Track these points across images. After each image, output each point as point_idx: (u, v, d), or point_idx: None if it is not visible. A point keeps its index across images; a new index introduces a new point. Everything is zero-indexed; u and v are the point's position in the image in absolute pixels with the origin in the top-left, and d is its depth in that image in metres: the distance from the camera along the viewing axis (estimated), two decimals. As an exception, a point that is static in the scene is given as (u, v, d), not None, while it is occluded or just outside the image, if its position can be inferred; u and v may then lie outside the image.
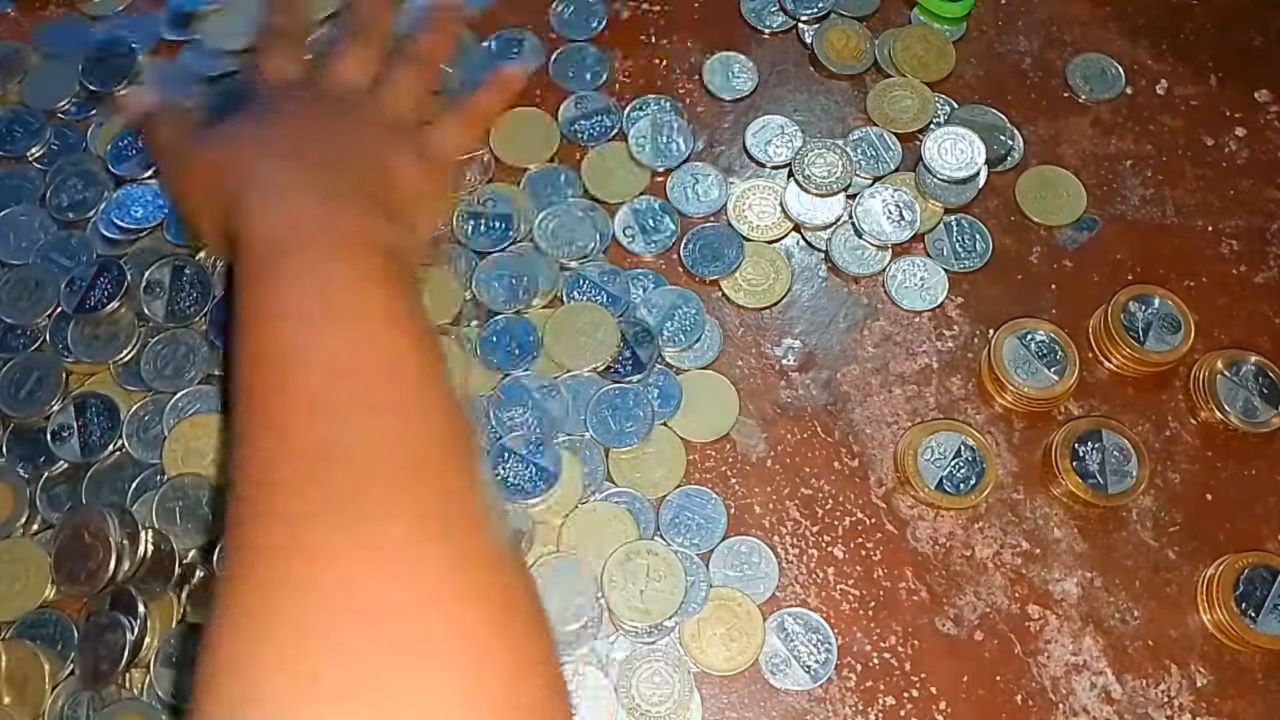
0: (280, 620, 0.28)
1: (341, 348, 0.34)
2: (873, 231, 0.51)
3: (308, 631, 0.28)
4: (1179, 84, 0.57)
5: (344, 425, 0.32)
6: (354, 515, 0.30)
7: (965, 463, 0.46)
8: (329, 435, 0.32)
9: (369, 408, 0.33)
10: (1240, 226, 0.53)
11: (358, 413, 0.32)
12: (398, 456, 0.32)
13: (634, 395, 0.47)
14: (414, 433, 0.33)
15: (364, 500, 0.30)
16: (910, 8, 0.58)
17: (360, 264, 0.36)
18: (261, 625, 0.28)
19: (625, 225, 0.51)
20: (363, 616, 0.28)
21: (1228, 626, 0.44)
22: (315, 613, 0.28)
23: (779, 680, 0.43)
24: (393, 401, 0.33)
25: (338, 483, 0.31)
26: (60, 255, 0.50)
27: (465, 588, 0.30)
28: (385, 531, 0.30)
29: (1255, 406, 0.48)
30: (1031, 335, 0.49)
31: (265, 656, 0.28)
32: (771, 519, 0.46)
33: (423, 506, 0.31)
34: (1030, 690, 0.43)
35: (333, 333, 0.34)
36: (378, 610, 0.28)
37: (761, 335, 0.50)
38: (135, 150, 0.53)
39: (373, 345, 0.34)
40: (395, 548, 0.30)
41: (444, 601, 0.29)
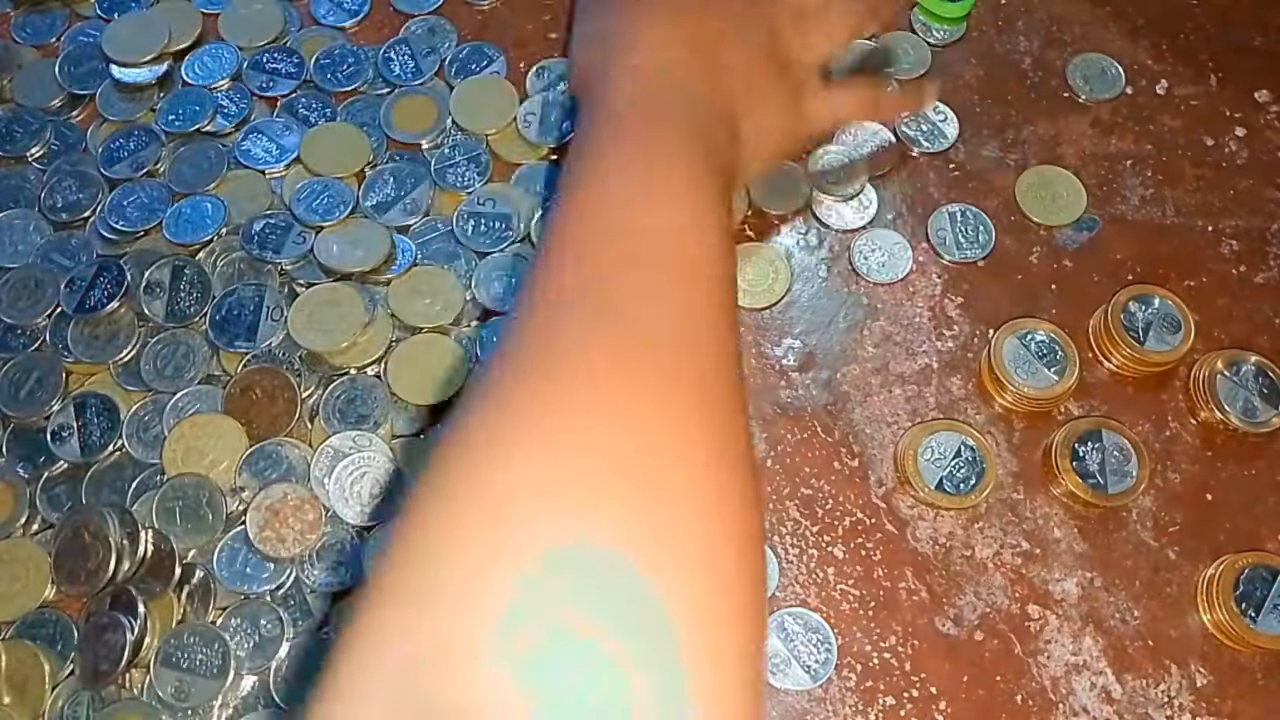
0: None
1: (660, 236, 0.32)
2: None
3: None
4: (1179, 84, 0.57)
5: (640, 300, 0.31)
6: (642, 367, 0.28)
7: (965, 463, 0.46)
8: (614, 302, 0.30)
9: (662, 292, 0.31)
10: (1240, 226, 0.53)
11: (651, 299, 0.31)
12: (681, 335, 0.30)
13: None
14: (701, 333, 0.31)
15: (657, 354, 0.29)
16: (910, 8, 0.58)
17: (698, 170, 0.35)
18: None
19: None
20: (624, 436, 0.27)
21: (1228, 626, 0.44)
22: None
23: (779, 680, 0.43)
24: (687, 301, 0.32)
25: (622, 340, 0.29)
26: (60, 255, 0.51)
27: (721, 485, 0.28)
28: (669, 392, 0.28)
29: (1255, 406, 0.48)
30: (1031, 335, 0.49)
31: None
32: (771, 519, 0.46)
33: (700, 392, 0.29)
34: (1030, 690, 0.43)
35: (657, 219, 0.33)
36: (639, 449, 0.27)
37: (761, 335, 0.50)
38: (127, 152, 0.53)
39: (685, 248, 0.32)
40: (670, 410, 0.28)
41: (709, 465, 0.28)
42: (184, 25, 0.56)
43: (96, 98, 0.55)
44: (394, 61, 0.56)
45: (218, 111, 0.54)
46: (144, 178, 0.52)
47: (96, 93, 0.55)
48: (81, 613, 0.43)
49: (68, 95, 0.55)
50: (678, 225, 0.33)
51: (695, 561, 0.26)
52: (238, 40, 0.56)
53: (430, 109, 0.55)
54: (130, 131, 0.54)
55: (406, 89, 0.55)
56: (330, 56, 0.56)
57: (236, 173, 0.53)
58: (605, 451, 0.26)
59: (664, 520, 0.26)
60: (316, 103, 0.55)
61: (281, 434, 0.46)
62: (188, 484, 0.45)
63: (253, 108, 0.55)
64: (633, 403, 0.27)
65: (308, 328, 0.48)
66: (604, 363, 0.28)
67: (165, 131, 0.54)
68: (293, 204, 0.51)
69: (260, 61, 0.56)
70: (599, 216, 0.32)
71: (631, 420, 0.27)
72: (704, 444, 0.28)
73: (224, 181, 0.52)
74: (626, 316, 0.29)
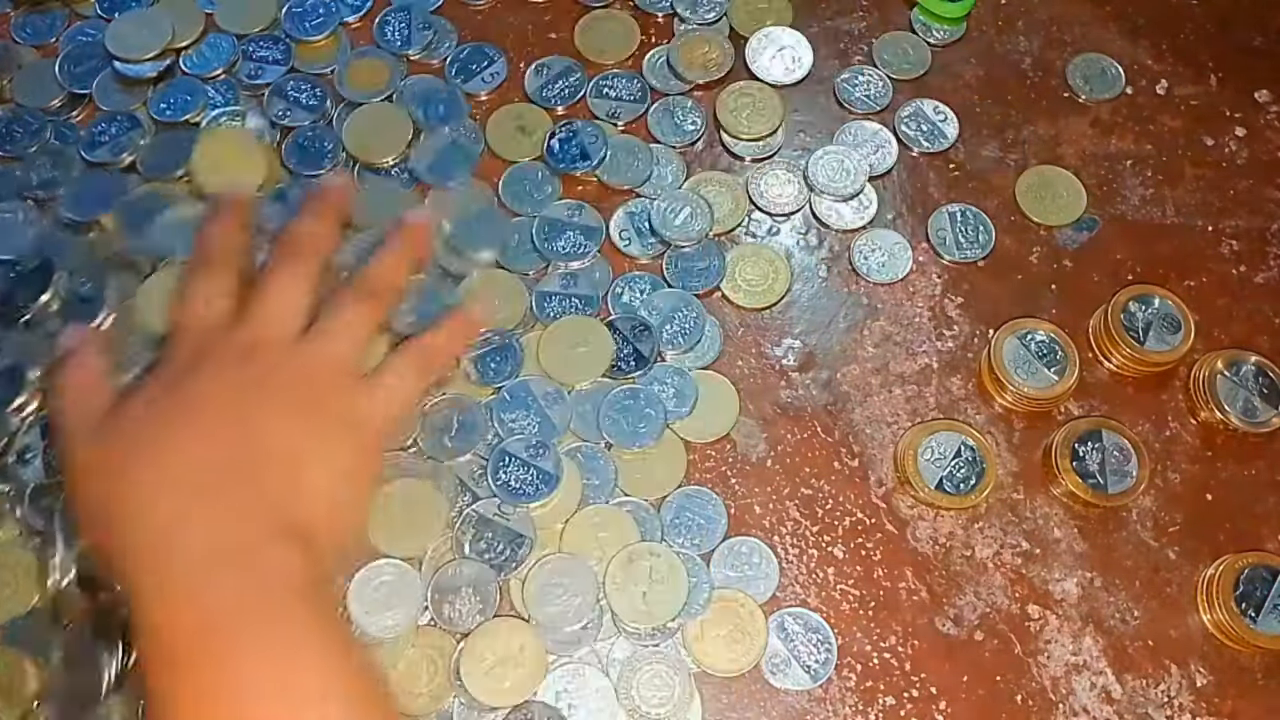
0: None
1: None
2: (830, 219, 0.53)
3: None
4: (1179, 84, 0.57)
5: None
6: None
7: (965, 463, 0.46)
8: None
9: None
10: (1240, 226, 0.53)
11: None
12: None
13: (645, 396, 0.47)
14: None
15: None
16: (910, 8, 0.58)
17: (277, 643, 0.34)
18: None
19: (621, 229, 0.51)
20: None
21: (1228, 626, 0.44)
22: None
23: (779, 680, 0.43)
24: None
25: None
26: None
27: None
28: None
29: (1255, 406, 0.48)
30: (1031, 335, 0.49)
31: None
32: (771, 519, 0.46)
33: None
34: (1030, 690, 0.43)
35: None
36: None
37: (761, 335, 0.50)
38: (109, 137, 0.53)
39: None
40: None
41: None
42: (187, 22, 0.56)
43: (93, 87, 0.55)
44: (390, 28, 0.57)
45: (207, 103, 0.54)
46: (119, 163, 0.52)
47: (94, 82, 0.55)
48: (60, 643, 0.42)
49: (68, 95, 0.55)
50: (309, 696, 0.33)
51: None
52: (233, 29, 0.56)
53: (384, 70, 0.55)
54: (113, 117, 0.54)
55: (362, 51, 0.56)
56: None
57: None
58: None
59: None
60: (305, 85, 0.55)
61: None
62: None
63: (237, 98, 0.55)
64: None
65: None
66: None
67: (157, 121, 0.54)
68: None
69: (249, 50, 0.56)
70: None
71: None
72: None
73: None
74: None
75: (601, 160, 0.53)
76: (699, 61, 0.56)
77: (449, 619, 0.43)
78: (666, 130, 0.54)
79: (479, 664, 0.42)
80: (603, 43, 0.57)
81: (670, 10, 0.58)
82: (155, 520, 0.36)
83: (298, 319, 0.41)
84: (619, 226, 0.52)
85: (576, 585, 0.44)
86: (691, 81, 0.56)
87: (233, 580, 0.34)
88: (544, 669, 0.42)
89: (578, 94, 0.55)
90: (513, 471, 0.45)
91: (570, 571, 0.44)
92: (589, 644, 0.43)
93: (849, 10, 0.59)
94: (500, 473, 0.45)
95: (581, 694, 0.42)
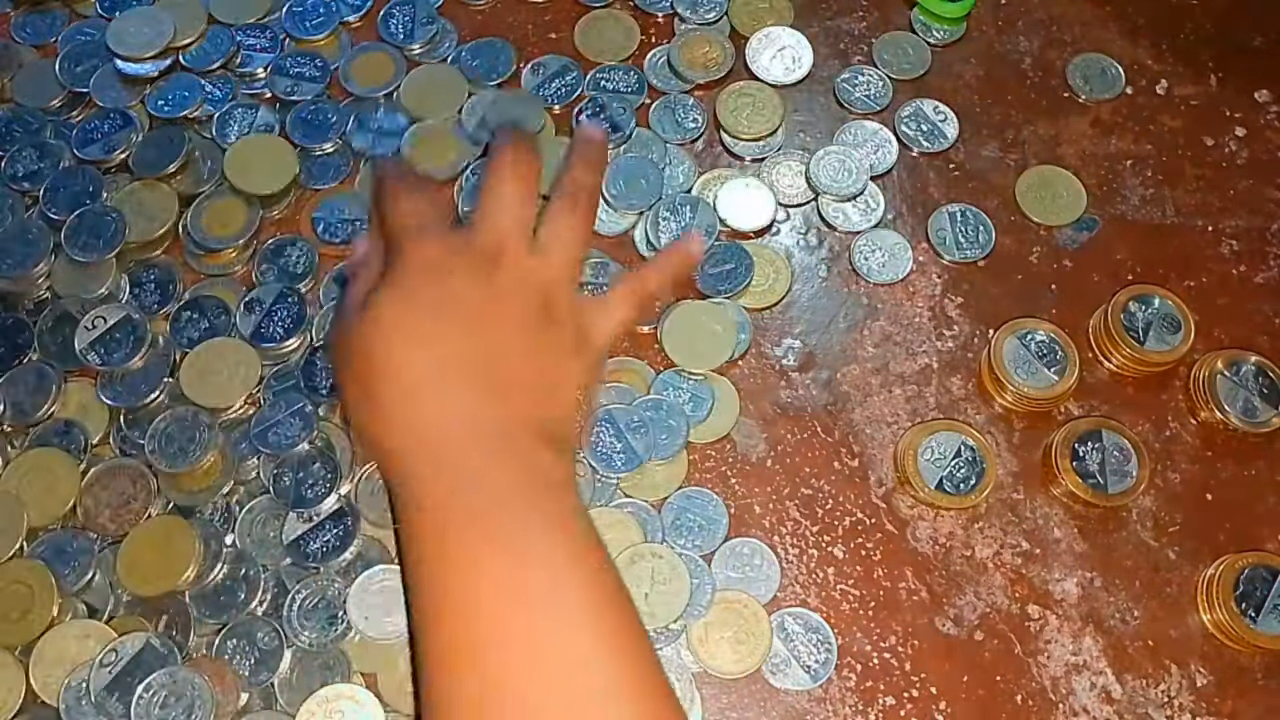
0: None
1: (534, 645, 0.34)
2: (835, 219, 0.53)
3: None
4: (1179, 84, 0.57)
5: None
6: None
7: (965, 463, 0.46)
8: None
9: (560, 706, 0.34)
10: (1240, 226, 0.53)
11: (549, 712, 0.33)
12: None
13: (667, 406, 0.47)
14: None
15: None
16: (910, 8, 0.58)
17: (539, 529, 0.36)
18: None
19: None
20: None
21: (1228, 626, 0.44)
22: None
23: (779, 680, 0.43)
24: (583, 696, 0.34)
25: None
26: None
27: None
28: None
29: (1255, 406, 0.48)
30: (1031, 335, 0.49)
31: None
32: (771, 519, 0.46)
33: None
34: (1030, 690, 0.43)
35: (523, 626, 0.34)
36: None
37: (761, 335, 0.50)
38: (101, 134, 0.53)
39: (564, 642, 0.34)
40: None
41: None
42: (188, 21, 0.56)
43: (91, 83, 0.55)
44: (394, 21, 0.57)
45: (205, 99, 0.54)
46: (111, 161, 0.52)
47: (92, 78, 0.55)
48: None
49: (68, 95, 0.55)
50: (557, 596, 0.35)
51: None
52: (227, 19, 0.57)
53: (388, 64, 0.55)
54: (107, 114, 0.54)
55: (365, 47, 0.56)
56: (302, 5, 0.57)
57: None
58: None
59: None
60: (303, 59, 0.55)
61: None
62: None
63: (235, 92, 0.55)
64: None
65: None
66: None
67: (154, 117, 0.54)
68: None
69: (238, 40, 0.56)
70: (482, 626, 0.34)
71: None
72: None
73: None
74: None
75: (633, 132, 0.53)
76: (699, 61, 0.56)
77: None
78: (668, 128, 0.54)
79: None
80: (603, 42, 0.57)
81: (670, 10, 0.58)
82: (422, 406, 0.38)
83: (528, 230, 0.43)
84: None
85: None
86: (692, 81, 0.56)
87: (507, 471, 0.37)
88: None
89: (574, 92, 0.55)
90: (608, 440, 0.46)
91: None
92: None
93: (849, 10, 0.59)
94: (597, 434, 0.46)
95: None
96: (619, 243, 0.52)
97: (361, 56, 0.56)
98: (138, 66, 0.55)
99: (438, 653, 0.35)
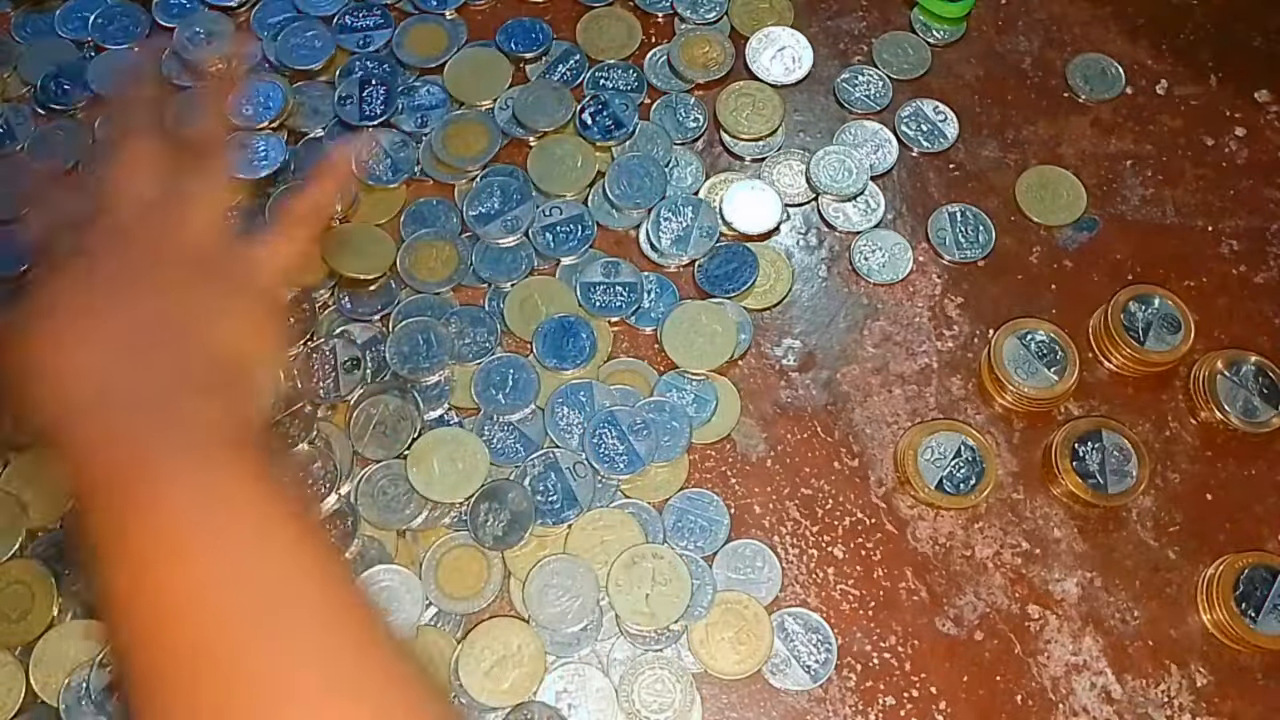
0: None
1: (220, 588, 0.32)
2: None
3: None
4: (1179, 84, 0.57)
5: (234, 667, 0.31)
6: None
7: (965, 463, 0.46)
8: (218, 683, 0.31)
9: (261, 646, 0.31)
10: (1240, 226, 0.53)
11: (248, 658, 0.31)
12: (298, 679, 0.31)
13: (670, 408, 0.47)
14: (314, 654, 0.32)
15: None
16: (910, 8, 0.58)
17: (209, 479, 0.34)
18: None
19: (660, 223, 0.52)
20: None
21: (1228, 626, 0.44)
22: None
23: (779, 680, 0.43)
24: (286, 631, 0.32)
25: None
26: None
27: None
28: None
29: (1255, 406, 0.48)
30: (1031, 335, 0.49)
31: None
32: (771, 519, 0.46)
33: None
34: (1030, 690, 0.43)
35: (204, 570, 0.32)
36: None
37: (761, 335, 0.50)
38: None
39: (251, 579, 0.32)
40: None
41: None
42: None
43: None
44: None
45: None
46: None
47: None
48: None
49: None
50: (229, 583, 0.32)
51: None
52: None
53: (441, 37, 0.56)
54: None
55: (420, 17, 0.57)
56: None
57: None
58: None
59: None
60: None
61: None
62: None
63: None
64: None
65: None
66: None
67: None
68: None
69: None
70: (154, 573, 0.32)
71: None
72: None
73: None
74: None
75: (635, 129, 0.53)
76: (699, 61, 0.56)
77: (479, 516, 0.45)
78: (669, 126, 0.54)
79: (478, 664, 0.42)
80: (605, 40, 0.57)
81: (670, 10, 0.58)
82: (80, 382, 0.36)
83: (153, 192, 0.41)
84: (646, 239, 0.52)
85: (576, 587, 0.44)
86: (692, 81, 0.56)
87: (159, 426, 0.35)
88: (543, 669, 0.42)
89: (577, 78, 0.55)
90: (610, 441, 0.46)
91: (570, 573, 0.44)
92: (589, 645, 0.43)
93: (849, 10, 0.59)
94: (600, 435, 0.46)
95: (582, 694, 0.42)
96: (622, 240, 0.52)
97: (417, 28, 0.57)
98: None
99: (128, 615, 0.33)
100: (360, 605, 0.33)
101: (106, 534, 0.33)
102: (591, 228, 0.51)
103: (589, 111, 0.54)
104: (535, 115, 0.53)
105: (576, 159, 0.53)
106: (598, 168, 0.53)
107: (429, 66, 0.55)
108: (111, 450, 0.34)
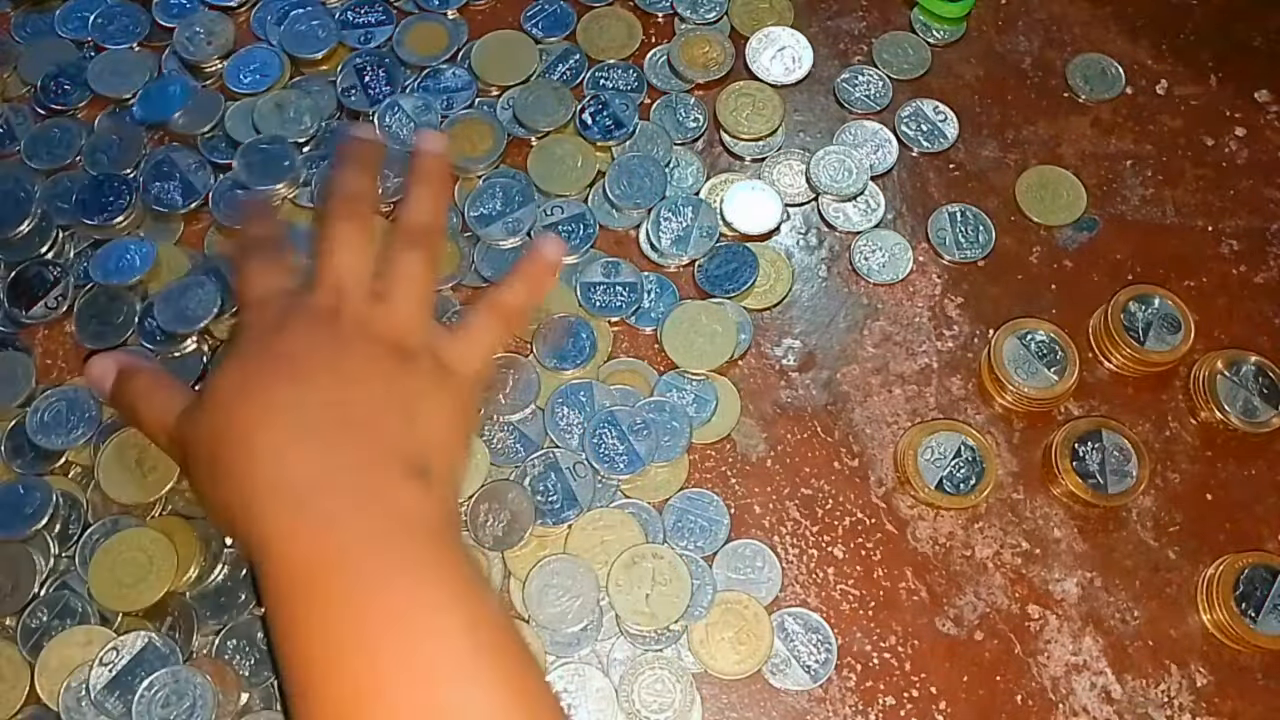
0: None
1: (413, 692, 0.32)
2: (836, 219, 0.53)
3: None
4: (1179, 84, 0.57)
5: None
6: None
7: (965, 463, 0.46)
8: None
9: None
10: (1240, 226, 0.53)
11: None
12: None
13: (670, 407, 0.47)
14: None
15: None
16: (910, 8, 0.58)
17: (411, 569, 0.34)
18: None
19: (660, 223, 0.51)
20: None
21: (1228, 626, 0.44)
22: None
23: (779, 680, 0.43)
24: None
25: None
26: None
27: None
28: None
29: (1255, 406, 0.48)
30: (1031, 335, 0.49)
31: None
32: (771, 519, 0.46)
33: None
34: (1030, 690, 0.43)
35: (400, 675, 0.32)
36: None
37: (761, 335, 0.50)
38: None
39: (445, 686, 0.33)
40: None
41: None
42: None
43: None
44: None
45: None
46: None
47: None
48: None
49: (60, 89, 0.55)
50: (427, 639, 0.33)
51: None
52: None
53: (442, 36, 0.56)
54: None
55: (421, 15, 0.57)
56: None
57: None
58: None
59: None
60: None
61: None
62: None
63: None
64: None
65: None
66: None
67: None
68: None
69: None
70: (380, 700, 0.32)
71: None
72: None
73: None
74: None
75: (635, 129, 0.53)
76: (699, 61, 0.56)
77: (479, 516, 0.45)
78: (669, 126, 0.54)
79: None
80: (605, 39, 0.57)
81: (670, 10, 0.58)
82: (273, 464, 0.36)
83: (365, 279, 0.41)
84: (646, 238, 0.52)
85: (576, 587, 0.44)
86: (692, 81, 0.56)
87: (364, 517, 0.35)
88: (543, 669, 0.42)
89: (577, 77, 0.55)
90: (611, 441, 0.46)
91: (570, 573, 0.44)
92: (589, 645, 0.43)
93: (849, 10, 0.59)
94: (600, 435, 0.46)
95: (582, 694, 0.42)
96: (622, 240, 0.52)
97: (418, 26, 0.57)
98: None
99: (319, 708, 0.33)
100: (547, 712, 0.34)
101: (296, 636, 0.34)
102: (593, 227, 0.51)
103: (589, 111, 0.54)
104: (535, 115, 0.53)
105: (577, 159, 0.53)
106: (598, 168, 0.53)
107: (429, 65, 0.55)
108: (312, 538, 0.34)
